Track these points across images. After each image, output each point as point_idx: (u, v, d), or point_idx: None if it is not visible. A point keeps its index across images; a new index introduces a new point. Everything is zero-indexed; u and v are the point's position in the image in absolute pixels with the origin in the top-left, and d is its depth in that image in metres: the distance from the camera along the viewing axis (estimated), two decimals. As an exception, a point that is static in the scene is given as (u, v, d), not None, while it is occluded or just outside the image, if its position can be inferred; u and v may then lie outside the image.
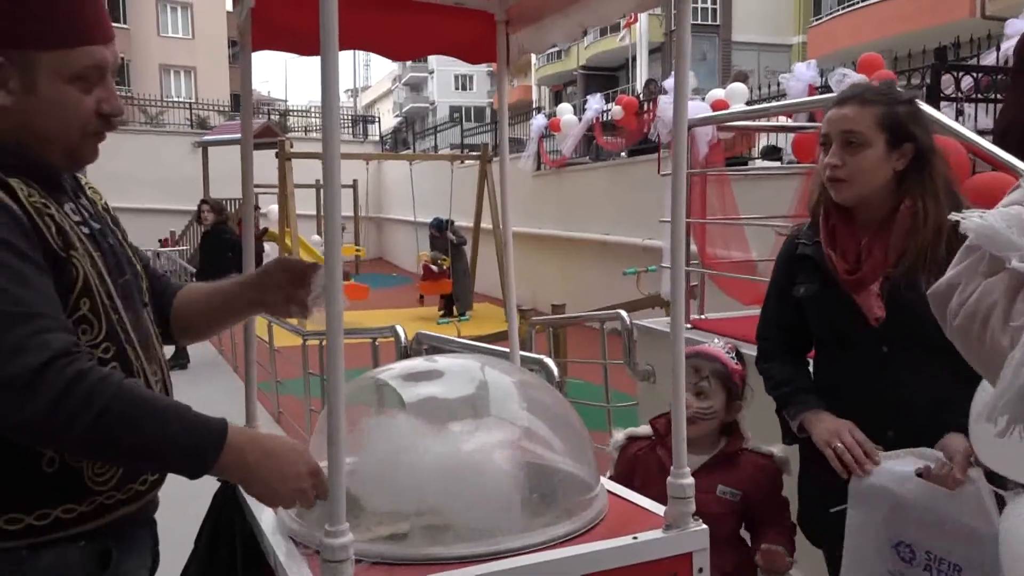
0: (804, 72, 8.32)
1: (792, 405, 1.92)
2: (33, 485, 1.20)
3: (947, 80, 5.81)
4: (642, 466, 2.08)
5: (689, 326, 4.07)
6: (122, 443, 1.14)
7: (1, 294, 1.09)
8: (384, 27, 1.93)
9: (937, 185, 1.78)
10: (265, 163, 12.29)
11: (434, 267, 13.31)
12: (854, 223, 1.85)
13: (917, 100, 1.87)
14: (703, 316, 4.20)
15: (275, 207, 14.06)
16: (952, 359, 1.10)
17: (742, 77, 10.72)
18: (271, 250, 12.60)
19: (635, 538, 1.38)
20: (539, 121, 14.49)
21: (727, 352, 2.18)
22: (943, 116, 3.03)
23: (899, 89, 1.90)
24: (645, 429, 2.19)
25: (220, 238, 8.73)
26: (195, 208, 10.03)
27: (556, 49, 28.91)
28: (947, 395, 1.64)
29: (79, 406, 1.09)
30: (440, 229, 13.48)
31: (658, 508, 1.49)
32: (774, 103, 6.93)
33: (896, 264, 1.77)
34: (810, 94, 7.80)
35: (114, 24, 1.31)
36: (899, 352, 1.78)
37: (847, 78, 6.22)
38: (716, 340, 2.26)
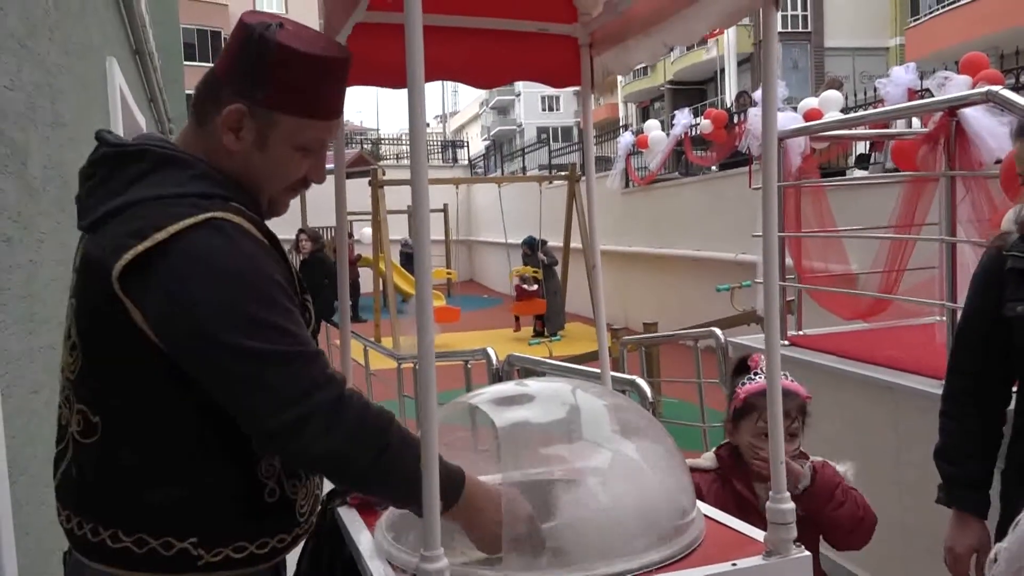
0: (902, 76, 7.99)
1: (947, 492, 1.81)
2: (257, 515, 1.28)
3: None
4: (713, 501, 1.93)
5: (786, 343, 3.96)
6: (393, 477, 1.21)
7: (289, 336, 1.16)
8: (469, 57, 1.96)
9: None
10: (359, 191, 12.66)
11: (525, 285, 13.35)
12: None
13: None
14: (801, 332, 4.07)
15: (368, 230, 14.43)
16: None
17: (836, 84, 10.38)
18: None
19: (734, 565, 1.34)
20: (626, 139, 14.41)
21: (791, 379, 2.04)
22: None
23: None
24: (706, 460, 2.07)
25: (318, 265, 9.02)
26: (293, 238, 10.43)
27: (643, 66, 28.76)
28: None
29: (371, 437, 1.18)
30: (532, 247, 13.55)
31: (757, 534, 1.45)
32: (869, 112, 6.68)
33: None
34: (910, 98, 7.50)
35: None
36: None
37: (949, 81, 5.95)
38: (761, 373, 2.02)
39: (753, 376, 1.99)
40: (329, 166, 1.44)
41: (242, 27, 1.26)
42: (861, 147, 9.21)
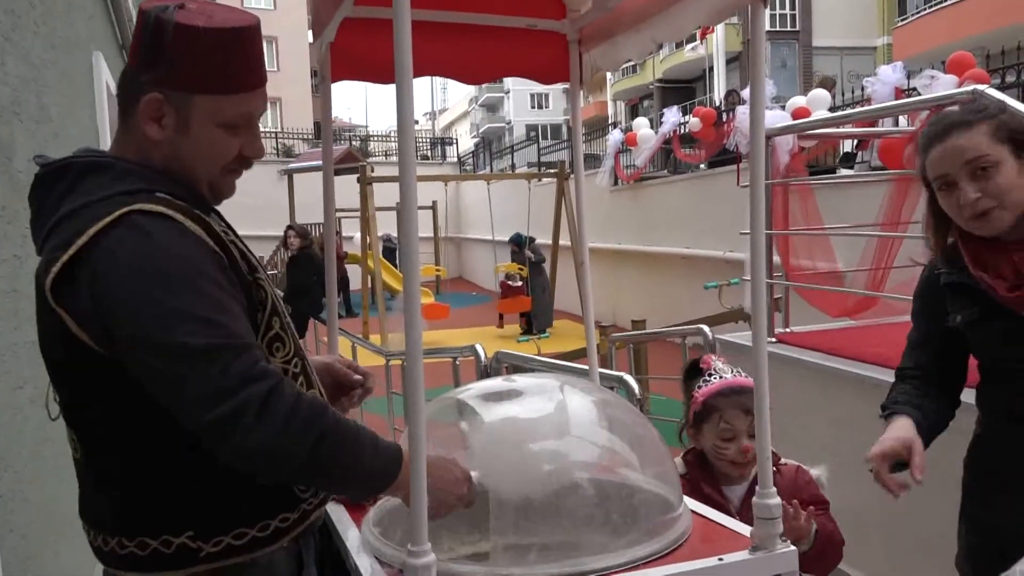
0: (890, 75, 8.01)
1: (883, 410, 1.79)
2: (253, 498, 1.27)
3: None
4: None
5: (774, 340, 3.98)
6: (334, 467, 1.20)
7: (215, 328, 1.13)
8: (458, 53, 1.97)
9: None
10: (348, 188, 12.62)
11: (511, 282, 13.34)
12: (999, 242, 1.69)
13: (1006, 105, 1.75)
14: (789, 329, 4.09)
15: (358, 235, 14.37)
16: None
17: (828, 83, 10.42)
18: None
19: (720, 559, 1.35)
20: (615, 136, 14.41)
21: (743, 376, 1.98)
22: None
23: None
24: (676, 466, 2.01)
25: (306, 262, 8.99)
26: (281, 234, 10.37)
27: (631, 63, 28.80)
28: None
29: (303, 430, 1.14)
30: (519, 245, 13.54)
31: (744, 529, 1.46)
32: (856, 110, 6.71)
33: None
34: (897, 97, 7.53)
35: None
36: None
37: (935, 80, 5.98)
38: (718, 362, 2.02)
39: (708, 378, 1.95)
40: (317, 163, 1.43)
41: (140, 14, 1.24)
42: (849, 145, 9.24)
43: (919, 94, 5.99)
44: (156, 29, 1.21)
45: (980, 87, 3.00)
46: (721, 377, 1.93)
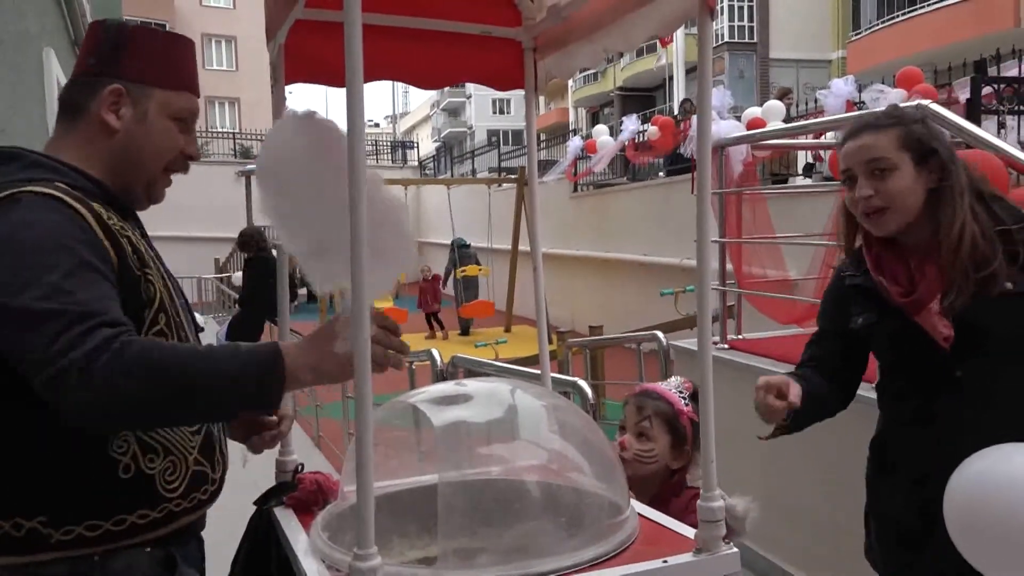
0: (842, 88, 8.23)
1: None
2: (110, 491, 1.27)
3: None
4: None
5: (726, 347, 4.04)
6: (192, 392, 1.16)
7: (61, 295, 1.15)
8: (413, 57, 1.97)
9: (968, 193, 1.72)
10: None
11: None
12: (898, 247, 1.79)
13: (927, 117, 1.82)
14: (740, 336, 4.16)
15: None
16: None
17: (786, 94, 10.64)
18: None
19: (665, 562, 1.37)
20: (575, 143, 14.54)
21: (680, 392, 1.99)
22: (981, 131, 2.98)
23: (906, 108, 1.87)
24: None
25: (261, 264, 8.89)
26: (236, 236, 10.25)
27: (592, 71, 29.04)
28: None
29: (131, 365, 1.12)
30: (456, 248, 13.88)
31: (689, 532, 1.48)
32: (809, 121, 6.86)
33: (951, 284, 1.69)
34: (848, 110, 7.71)
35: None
36: (973, 374, 1.69)
37: (883, 95, 6.14)
38: (674, 378, 2.07)
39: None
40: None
41: (97, 24, 1.43)
42: (809, 156, 9.45)
43: (867, 107, 6.14)
44: (119, 31, 1.39)
45: (924, 102, 3.10)
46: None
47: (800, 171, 9.97)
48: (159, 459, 1.32)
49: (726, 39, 23.36)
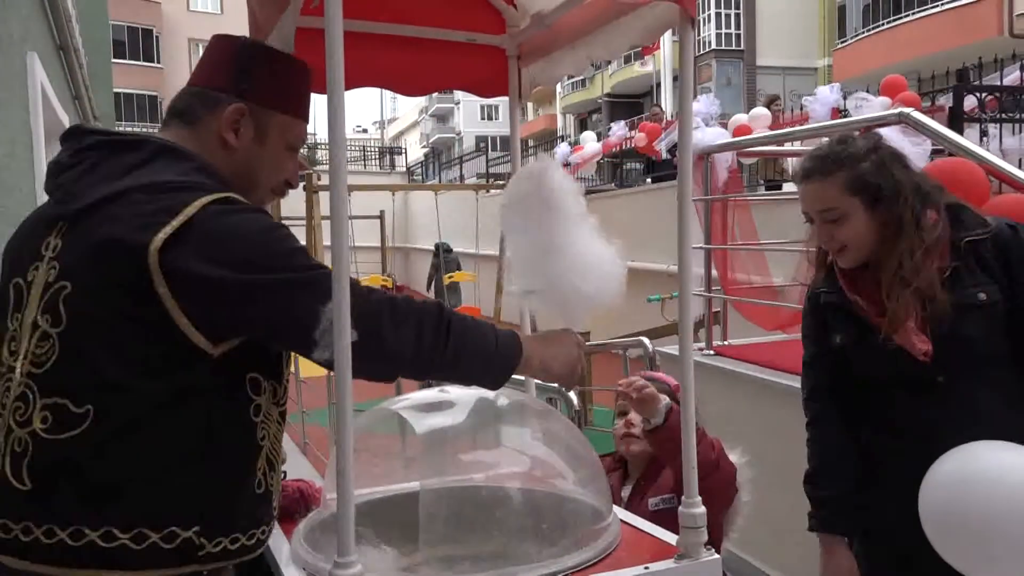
0: (827, 95, 8.30)
1: (817, 518, 1.88)
2: (252, 504, 1.27)
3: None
4: None
5: (712, 352, 4.05)
6: (467, 349, 1.27)
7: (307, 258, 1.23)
8: (398, 64, 1.97)
9: (920, 214, 1.72)
10: (294, 195, 12.43)
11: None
12: (869, 268, 1.80)
13: (878, 145, 1.78)
14: (726, 342, 4.17)
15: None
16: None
17: (774, 100, 10.71)
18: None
19: (647, 568, 1.38)
20: (563, 149, 14.60)
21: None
22: (962, 139, 3.01)
23: (856, 139, 1.82)
24: None
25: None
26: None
27: (580, 78, 29.13)
28: (1011, 421, 1.65)
29: (434, 321, 1.23)
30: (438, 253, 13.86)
31: (671, 538, 1.48)
32: (794, 128, 6.91)
33: (923, 299, 1.70)
34: (833, 117, 7.78)
35: (149, 64, 1.43)
36: (955, 381, 1.71)
37: (866, 103, 6.19)
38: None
39: None
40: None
41: (226, 38, 1.41)
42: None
43: (850, 116, 6.19)
44: (251, 51, 1.39)
45: (906, 110, 3.13)
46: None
47: (789, 178, 10.04)
48: (274, 475, 1.33)
49: (713, 46, 23.51)
